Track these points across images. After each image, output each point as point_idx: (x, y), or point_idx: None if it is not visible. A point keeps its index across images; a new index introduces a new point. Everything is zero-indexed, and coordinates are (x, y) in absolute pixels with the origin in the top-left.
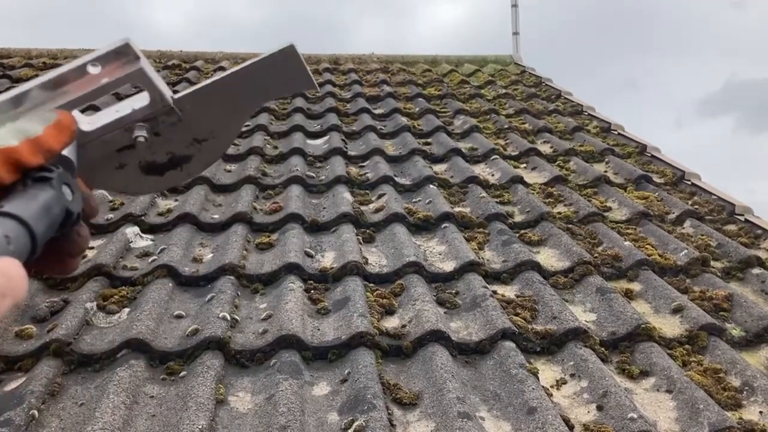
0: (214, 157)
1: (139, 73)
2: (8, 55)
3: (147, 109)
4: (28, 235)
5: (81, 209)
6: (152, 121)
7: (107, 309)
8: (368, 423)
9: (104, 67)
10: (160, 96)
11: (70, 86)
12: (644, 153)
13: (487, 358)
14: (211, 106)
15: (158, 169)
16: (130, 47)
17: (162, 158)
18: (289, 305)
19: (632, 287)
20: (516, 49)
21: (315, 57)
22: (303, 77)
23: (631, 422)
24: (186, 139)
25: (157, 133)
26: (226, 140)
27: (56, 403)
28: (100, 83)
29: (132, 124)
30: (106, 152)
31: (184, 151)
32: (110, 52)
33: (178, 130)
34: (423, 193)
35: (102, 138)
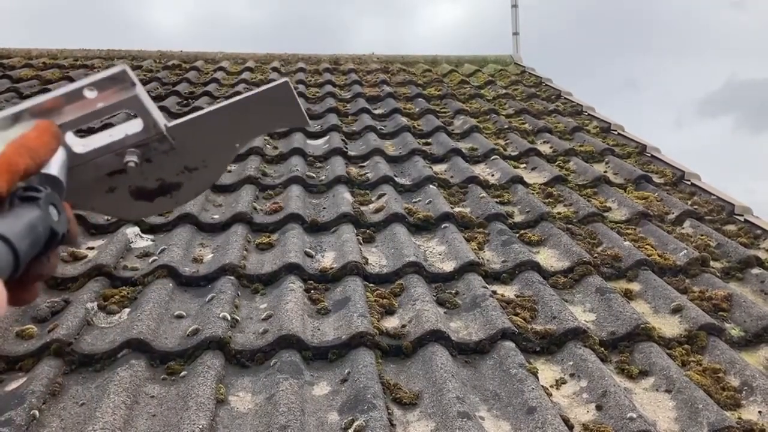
0: (204, 186)
1: (134, 100)
2: (8, 55)
3: (140, 135)
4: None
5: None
6: (144, 148)
7: (108, 309)
8: (368, 423)
9: (100, 92)
10: (153, 123)
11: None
12: (644, 153)
13: (487, 358)
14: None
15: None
16: (126, 74)
17: (152, 184)
18: (289, 305)
19: (632, 287)
20: (516, 50)
21: (315, 57)
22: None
23: (630, 422)
24: (177, 167)
25: (149, 160)
26: (216, 170)
27: (57, 403)
28: (96, 107)
29: (124, 149)
30: (97, 175)
31: (175, 179)
32: (107, 78)
33: (170, 158)
34: (423, 193)
35: (94, 161)
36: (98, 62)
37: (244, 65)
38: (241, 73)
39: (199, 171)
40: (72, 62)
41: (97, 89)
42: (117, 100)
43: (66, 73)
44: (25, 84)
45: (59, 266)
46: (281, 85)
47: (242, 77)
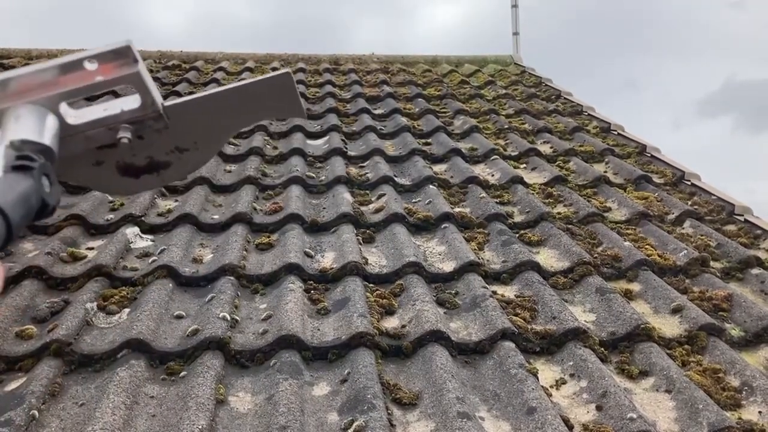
0: (192, 168)
1: (135, 76)
2: (8, 55)
3: (136, 112)
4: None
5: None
6: (138, 124)
7: (107, 309)
8: (368, 423)
9: (101, 65)
10: (151, 101)
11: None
12: (644, 153)
13: (487, 358)
14: (199, 118)
15: (134, 172)
16: (130, 50)
17: (141, 161)
18: (289, 305)
19: (632, 287)
20: (516, 50)
21: (315, 57)
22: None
23: (630, 422)
24: (168, 147)
25: (141, 136)
26: (206, 153)
27: (56, 404)
28: (94, 80)
29: (118, 124)
30: (87, 148)
31: (164, 158)
32: (109, 52)
33: (163, 137)
34: (423, 193)
35: (86, 133)
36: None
37: (244, 65)
38: (241, 73)
39: (190, 152)
40: None
41: (98, 62)
42: (117, 75)
43: None
44: None
45: (59, 266)
46: (282, 74)
47: (242, 77)
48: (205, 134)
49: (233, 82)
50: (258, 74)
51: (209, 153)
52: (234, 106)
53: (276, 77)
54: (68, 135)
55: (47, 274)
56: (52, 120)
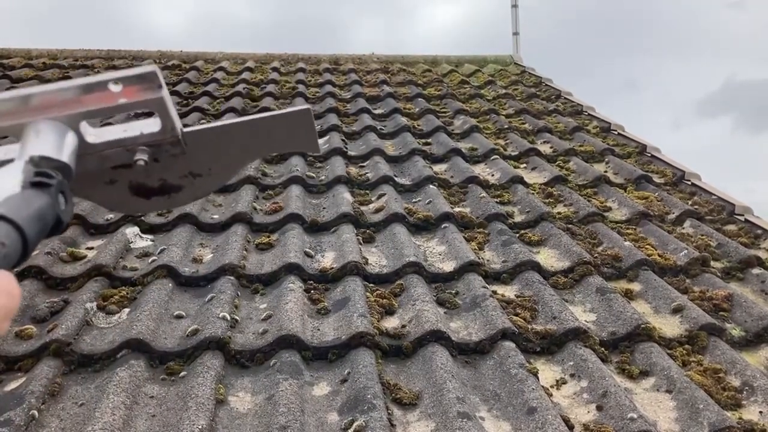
0: (204, 193)
1: (159, 102)
2: (8, 55)
3: (155, 136)
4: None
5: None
6: (156, 148)
7: (107, 309)
8: (368, 423)
9: (125, 88)
10: (171, 126)
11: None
12: (644, 153)
13: (487, 358)
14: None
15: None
16: (156, 75)
17: (153, 183)
18: (289, 305)
19: (632, 287)
20: (516, 50)
21: (315, 57)
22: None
23: (630, 422)
24: (182, 171)
25: (156, 159)
26: (220, 180)
27: (56, 403)
28: (117, 102)
29: (136, 146)
30: (102, 166)
31: (177, 182)
32: (135, 76)
33: (178, 162)
34: (423, 193)
35: (103, 153)
36: (98, 62)
37: (244, 65)
38: (241, 73)
39: (203, 178)
40: (72, 62)
41: (122, 84)
42: (141, 99)
43: (66, 73)
44: (25, 84)
45: (59, 266)
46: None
47: (242, 77)
48: (220, 161)
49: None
50: (258, 74)
51: (222, 180)
52: (252, 136)
53: (296, 113)
54: (86, 153)
55: (47, 273)
56: (71, 137)
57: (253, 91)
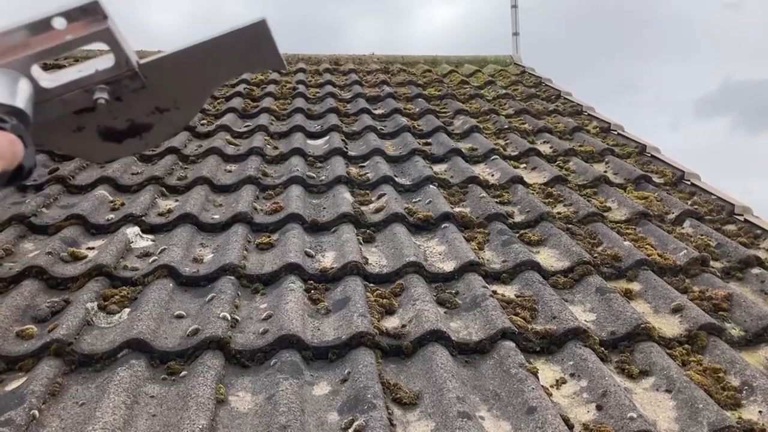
0: (176, 129)
1: (106, 33)
2: None
3: (111, 71)
4: None
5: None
6: (115, 85)
7: (108, 309)
8: (368, 423)
9: (70, 23)
10: (125, 59)
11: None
12: (644, 153)
13: (487, 357)
14: (177, 75)
15: (116, 136)
16: (98, 5)
17: (121, 125)
18: (289, 305)
19: (632, 287)
20: (516, 50)
21: (315, 57)
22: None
23: (630, 422)
24: (148, 107)
25: (119, 98)
26: (188, 112)
27: (57, 403)
28: (64, 39)
29: (94, 85)
30: (65, 112)
31: (145, 120)
32: (77, 8)
33: (141, 97)
34: (423, 193)
35: (62, 97)
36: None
37: None
38: None
39: (171, 112)
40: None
41: (66, 19)
42: (87, 33)
43: None
44: None
45: (59, 266)
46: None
47: (242, 77)
48: (184, 92)
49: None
50: (258, 74)
51: (190, 112)
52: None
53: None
54: (44, 99)
55: (48, 273)
56: (24, 83)
57: (254, 92)
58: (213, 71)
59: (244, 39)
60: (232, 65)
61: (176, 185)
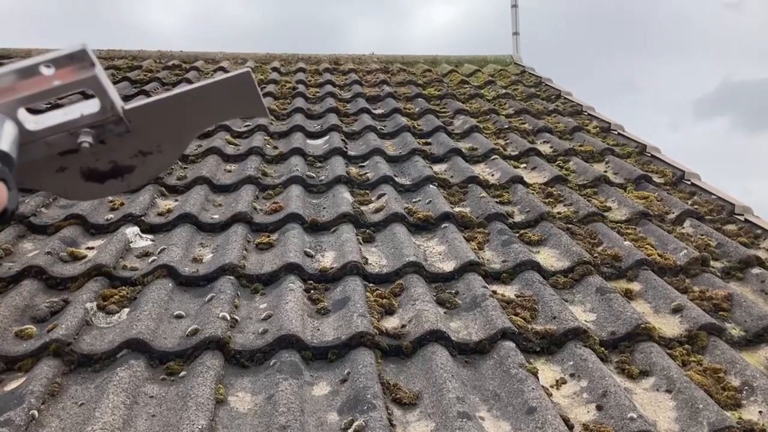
0: (158, 171)
1: (93, 80)
2: (8, 55)
3: (96, 116)
4: None
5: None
6: (99, 129)
7: (107, 309)
8: (368, 423)
9: (58, 70)
10: (110, 104)
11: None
12: (644, 153)
13: (487, 357)
14: (160, 121)
15: (99, 177)
16: (86, 53)
17: (104, 166)
18: (289, 305)
19: (632, 287)
20: (516, 50)
21: (315, 57)
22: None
23: (630, 422)
24: (131, 150)
25: (103, 141)
26: (170, 156)
27: (56, 403)
28: (52, 85)
29: (78, 128)
30: (49, 154)
31: (128, 162)
32: (65, 56)
33: (125, 141)
34: (423, 193)
35: (46, 139)
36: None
37: (244, 65)
38: None
39: (153, 155)
40: None
41: (54, 66)
42: (75, 79)
43: None
44: None
45: (59, 266)
46: (242, 74)
47: None
48: (168, 136)
49: None
50: (258, 74)
51: (173, 156)
52: (195, 107)
53: (236, 77)
54: (29, 141)
55: (47, 273)
56: (9, 126)
57: None
58: (197, 117)
59: (229, 88)
60: (216, 112)
61: (176, 185)
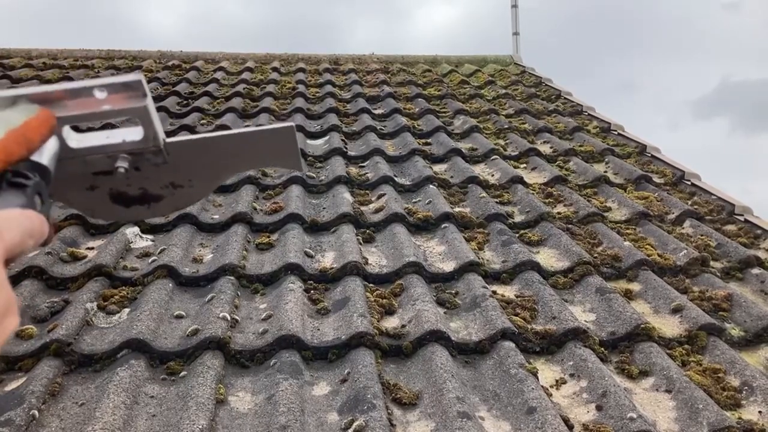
0: (184, 205)
1: (143, 110)
2: (8, 55)
3: (137, 144)
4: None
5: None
6: (137, 156)
7: (107, 309)
8: (368, 423)
9: (110, 95)
10: (153, 135)
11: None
12: (644, 153)
13: (487, 358)
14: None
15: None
16: (141, 84)
17: (134, 191)
18: (289, 305)
19: (632, 287)
20: (516, 50)
21: (315, 57)
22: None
23: (630, 422)
24: (163, 181)
25: (138, 168)
26: (200, 192)
27: (56, 403)
28: (101, 109)
29: (117, 153)
30: (83, 172)
31: (157, 191)
32: (120, 83)
33: (159, 171)
34: (423, 193)
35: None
36: (98, 62)
37: (244, 65)
38: (241, 73)
39: (184, 189)
40: (72, 62)
41: (107, 91)
42: (125, 107)
43: (66, 73)
44: (25, 84)
45: (59, 266)
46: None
47: (242, 77)
48: (201, 174)
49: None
50: (258, 74)
51: (202, 193)
52: (234, 150)
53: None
54: (67, 158)
55: (47, 274)
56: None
57: (253, 91)
58: (233, 161)
59: (270, 139)
60: (253, 159)
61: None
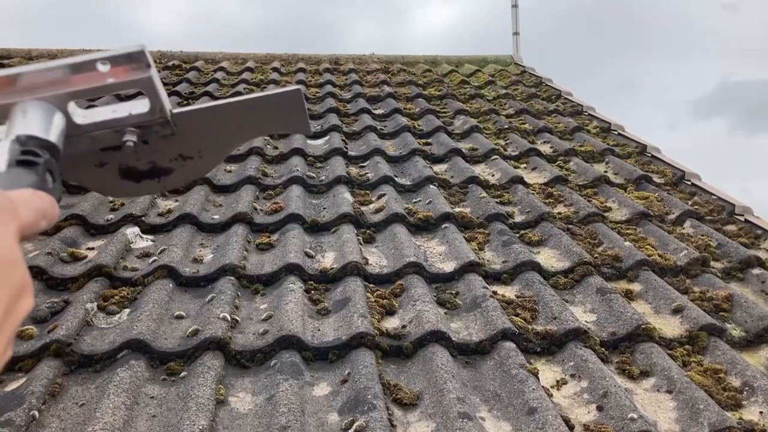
0: (195, 176)
1: (147, 81)
2: (8, 55)
3: (144, 117)
4: None
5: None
6: (145, 129)
7: (108, 309)
8: (368, 423)
9: (113, 68)
10: (160, 107)
11: (75, 78)
12: (644, 153)
13: (488, 358)
14: (206, 128)
15: (136, 176)
16: (144, 54)
17: (143, 166)
18: (289, 306)
19: (632, 287)
20: (516, 50)
21: (315, 57)
22: (301, 121)
23: (631, 422)
24: (172, 153)
25: (146, 141)
26: (210, 163)
27: (57, 404)
28: (105, 82)
29: (125, 127)
30: (91, 148)
31: (167, 164)
32: (123, 55)
33: (168, 143)
34: (423, 193)
35: (92, 134)
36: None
37: (244, 65)
38: (242, 73)
39: (193, 160)
40: None
41: (110, 64)
42: (129, 79)
43: None
44: None
45: (59, 266)
46: (293, 91)
47: (242, 77)
48: (210, 144)
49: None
50: (258, 74)
51: (212, 163)
52: (242, 117)
53: (286, 92)
54: (74, 134)
55: (47, 274)
56: (59, 118)
57: (254, 91)
58: (242, 128)
59: (277, 103)
60: (261, 125)
61: None
